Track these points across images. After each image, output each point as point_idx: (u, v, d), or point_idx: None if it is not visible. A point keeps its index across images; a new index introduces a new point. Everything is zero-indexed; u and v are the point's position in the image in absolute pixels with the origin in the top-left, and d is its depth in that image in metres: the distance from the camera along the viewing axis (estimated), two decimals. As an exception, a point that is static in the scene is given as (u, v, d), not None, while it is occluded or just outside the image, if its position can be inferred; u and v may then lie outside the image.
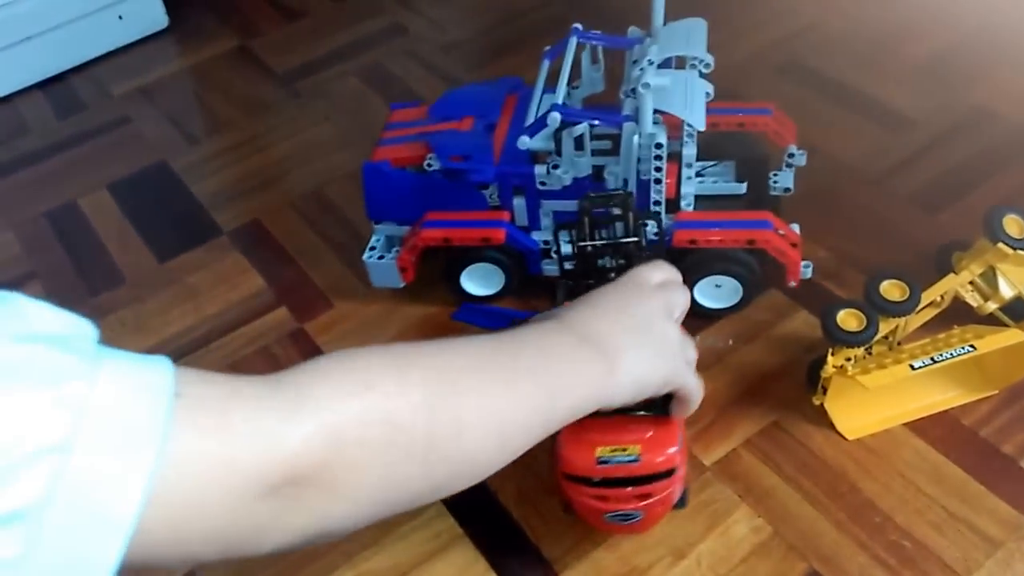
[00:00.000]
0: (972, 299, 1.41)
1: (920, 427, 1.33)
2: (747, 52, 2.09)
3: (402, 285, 1.60)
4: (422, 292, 1.62)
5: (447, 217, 1.53)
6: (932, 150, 1.79)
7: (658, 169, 1.41)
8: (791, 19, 2.18)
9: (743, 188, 1.56)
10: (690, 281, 1.46)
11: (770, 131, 1.59)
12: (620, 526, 1.20)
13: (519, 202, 1.51)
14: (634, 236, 1.32)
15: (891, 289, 1.32)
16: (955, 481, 1.27)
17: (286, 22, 2.50)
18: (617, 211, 1.31)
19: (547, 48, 1.56)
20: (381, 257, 1.60)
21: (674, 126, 1.46)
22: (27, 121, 2.24)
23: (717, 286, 1.49)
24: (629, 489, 1.15)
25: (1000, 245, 1.36)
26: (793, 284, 1.47)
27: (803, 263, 1.46)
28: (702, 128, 1.40)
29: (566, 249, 1.42)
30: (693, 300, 1.44)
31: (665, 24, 1.49)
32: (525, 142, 1.43)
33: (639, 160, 1.42)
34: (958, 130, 1.83)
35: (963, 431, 1.33)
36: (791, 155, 1.56)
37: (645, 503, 1.16)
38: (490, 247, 1.52)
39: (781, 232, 1.46)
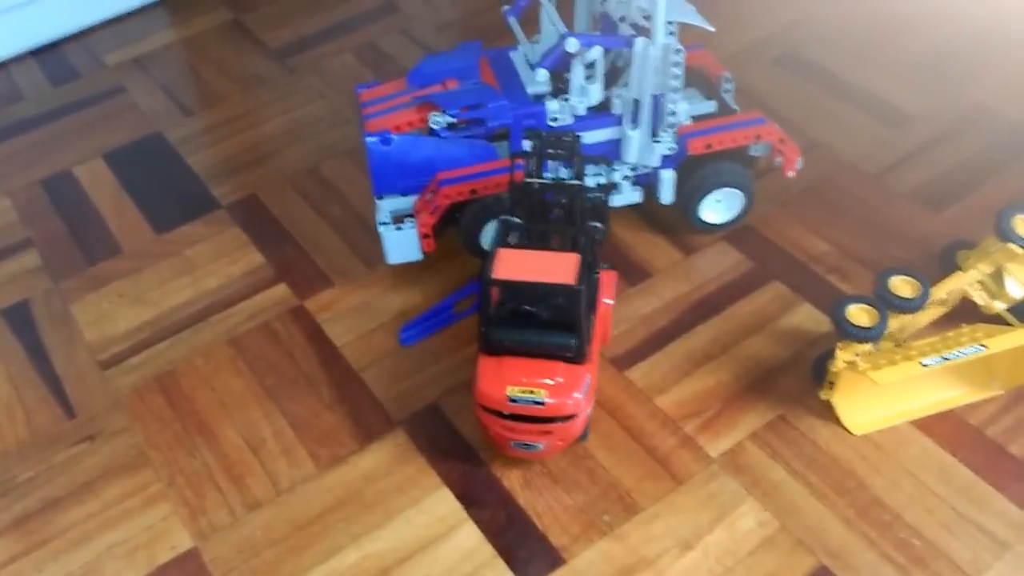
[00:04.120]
0: (979, 298, 1.41)
1: (926, 425, 1.34)
2: (744, 43, 2.09)
3: (421, 256, 1.56)
4: (422, 274, 1.61)
5: (464, 172, 1.52)
6: (933, 147, 1.79)
7: (676, 77, 1.47)
8: (785, 10, 2.18)
9: (713, 105, 1.66)
10: (697, 198, 1.59)
11: (705, 64, 1.71)
12: (524, 452, 1.30)
13: None
14: (578, 179, 1.34)
15: (901, 285, 1.32)
16: (963, 480, 1.27)
17: (279, -4, 2.47)
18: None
19: (505, 7, 1.61)
20: (399, 228, 1.53)
21: None
22: (21, 88, 2.20)
23: (718, 201, 1.60)
24: (534, 426, 1.25)
25: (1010, 245, 1.37)
26: (791, 174, 1.60)
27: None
28: (713, 29, 1.46)
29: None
30: (699, 219, 1.61)
31: None
32: (542, 74, 1.49)
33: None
34: (958, 127, 1.83)
35: (970, 430, 1.33)
36: (728, 80, 1.67)
37: (547, 438, 1.27)
38: (498, 204, 1.49)
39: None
